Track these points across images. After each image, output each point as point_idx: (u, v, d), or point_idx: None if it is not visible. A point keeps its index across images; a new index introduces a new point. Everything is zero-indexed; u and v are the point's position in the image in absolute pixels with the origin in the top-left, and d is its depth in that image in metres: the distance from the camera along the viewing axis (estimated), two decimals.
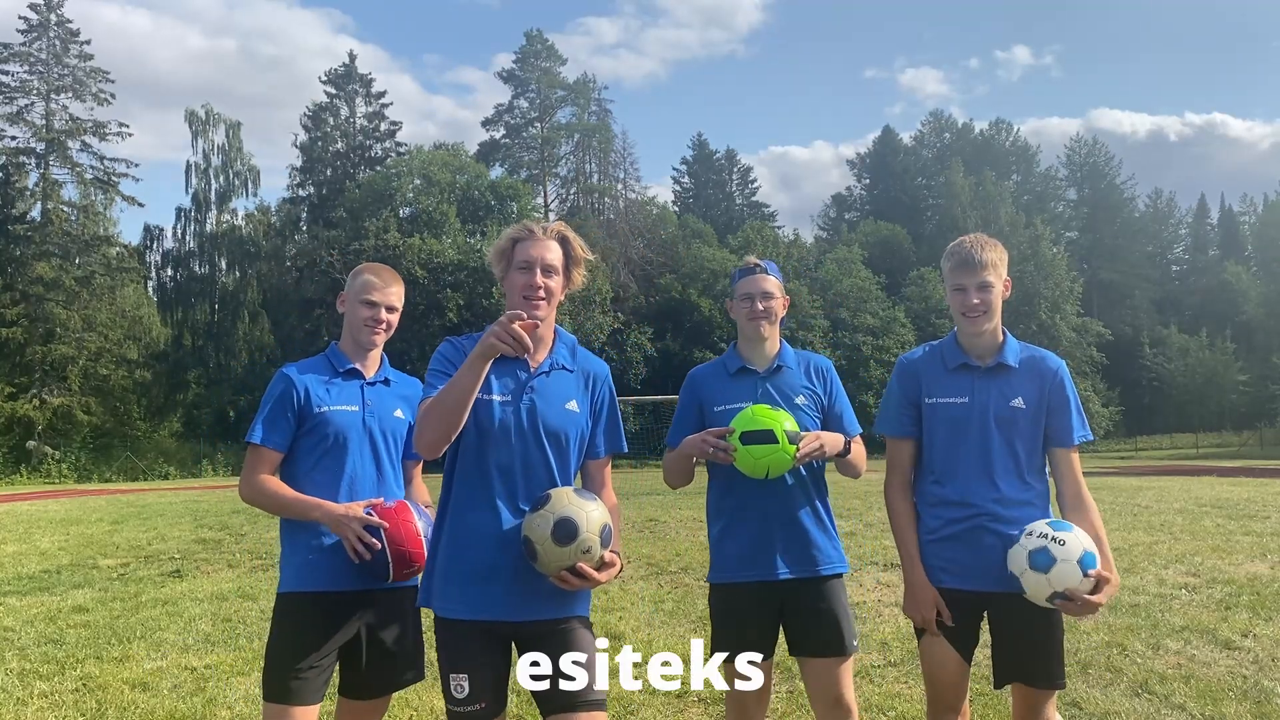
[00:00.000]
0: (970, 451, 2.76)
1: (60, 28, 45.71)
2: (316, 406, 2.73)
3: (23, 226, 43.71)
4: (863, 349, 51.54)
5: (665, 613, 6.52)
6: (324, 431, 2.73)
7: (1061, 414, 2.79)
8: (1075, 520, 2.70)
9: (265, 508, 2.73)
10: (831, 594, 2.90)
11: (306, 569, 2.69)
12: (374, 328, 2.85)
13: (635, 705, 4.35)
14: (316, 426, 2.73)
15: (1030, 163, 74.81)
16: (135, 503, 19.92)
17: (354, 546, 2.59)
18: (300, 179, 55.09)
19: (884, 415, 2.95)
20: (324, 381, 2.78)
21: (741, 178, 75.12)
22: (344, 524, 2.60)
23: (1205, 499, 14.30)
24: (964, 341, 2.87)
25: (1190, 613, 6.06)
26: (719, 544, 2.99)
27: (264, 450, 2.72)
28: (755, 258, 3.08)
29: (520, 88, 62.86)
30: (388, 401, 2.86)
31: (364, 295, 2.84)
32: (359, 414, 2.78)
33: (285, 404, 2.72)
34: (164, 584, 8.24)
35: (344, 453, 2.74)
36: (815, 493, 2.96)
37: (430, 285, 46.73)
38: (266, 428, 2.72)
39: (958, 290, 2.78)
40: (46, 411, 40.66)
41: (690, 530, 11.53)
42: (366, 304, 2.84)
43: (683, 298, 51.83)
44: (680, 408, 3.07)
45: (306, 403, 2.73)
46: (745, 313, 3.00)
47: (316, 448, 2.73)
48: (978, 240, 2.81)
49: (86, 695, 4.81)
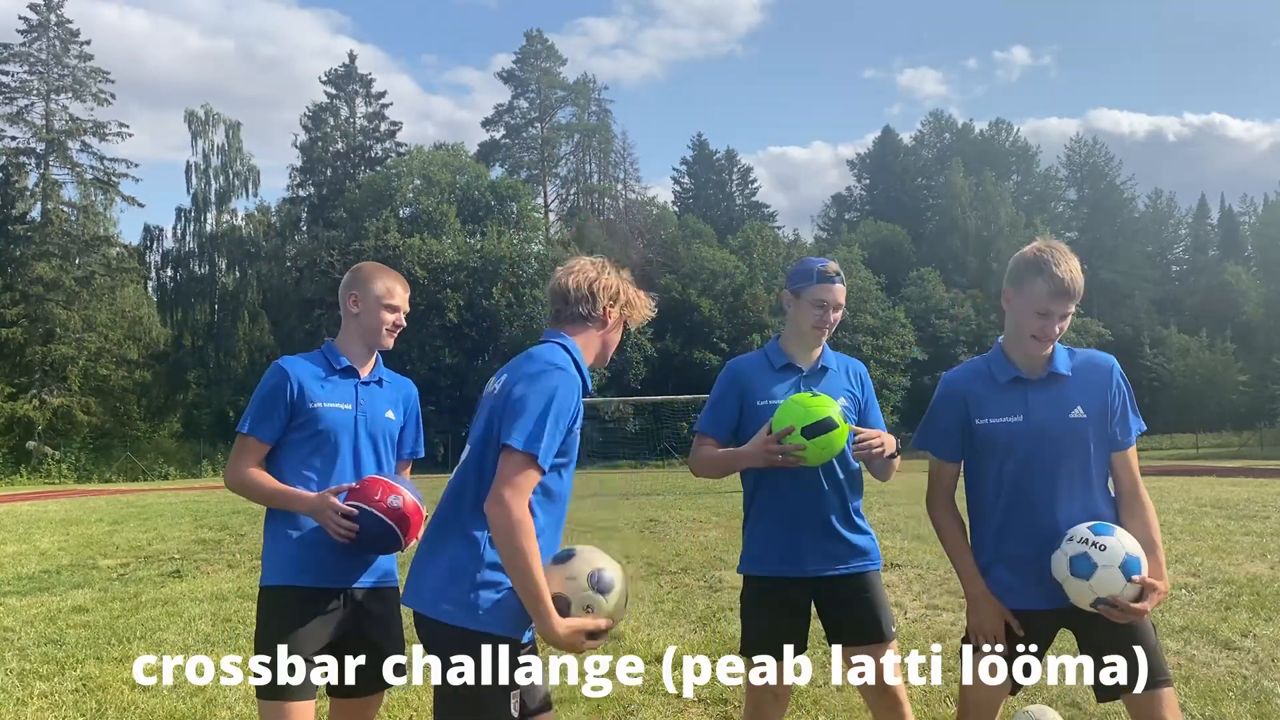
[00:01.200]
0: (1035, 471, 2.64)
1: (60, 28, 45.73)
2: (310, 402, 2.73)
3: (23, 226, 43.73)
4: (863, 349, 51.49)
5: (665, 613, 6.52)
6: (315, 427, 2.73)
7: (1122, 416, 2.69)
8: (1129, 522, 2.59)
9: (250, 497, 2.74)
10: (869, 586, 2.93)
11: (294, 562, 2.69)
12: (392, 333, 2.88)
13: (635, 705, 4.35)
14: (308, 422, 2.73)
15: (1030, 163, 74.78)
16: (135, 503, 19.92)
17: (336, 529, 2.58)
18: (300, 179, 55.13)
19: (929, 434, 2.83)
20: (319, 377, 2.78)
21: (742, 178, 75.13)
22: (320, 509, 2.61)
23: (1205, 499, 14.30)
24: (1015, 357, 2.73)
25: (1190, 613, 6.05)
26: (752, 537, 2.99)
27: (252, 441, 2.73)
28: (835, 265, 3.00)
29: (520, 88, 62.89)
30: (380, 402, 2.87)
31: (388, 300, 2.85)
32: (352, 412, 2.79)
33: (278, 396, 2.73)
34: (164, 584, 8.24)
35: (334, 450, 2.75)
36: (850, 490, 2.96)
37: (430, 285, 46.70)
38: (257, 418, 2.73)
39: (1043, 315, 2.63)
40: (46, 412, 40.67)
41: (690, 530, 11.53)
42: (389, 308, 2.85)
43: (683, 298, 51.81)
44: (717, 396, 3.03)
45: (300, 397, 2.73)
46: (813, 319, 2.94)
47: (307, 443, 2.74)
48: (1069, 262, 2.63)
49: (86, 695, 4.81)
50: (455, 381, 45.71)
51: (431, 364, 45.85)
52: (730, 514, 13.64)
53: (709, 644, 5.46)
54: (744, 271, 52.98)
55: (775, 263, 54.66)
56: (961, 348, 55.31)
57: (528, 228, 53.62)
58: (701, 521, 12.62)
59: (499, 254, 47.54)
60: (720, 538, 10.65)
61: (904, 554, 8.79)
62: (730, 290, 52.22)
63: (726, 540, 10.29)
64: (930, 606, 6.29)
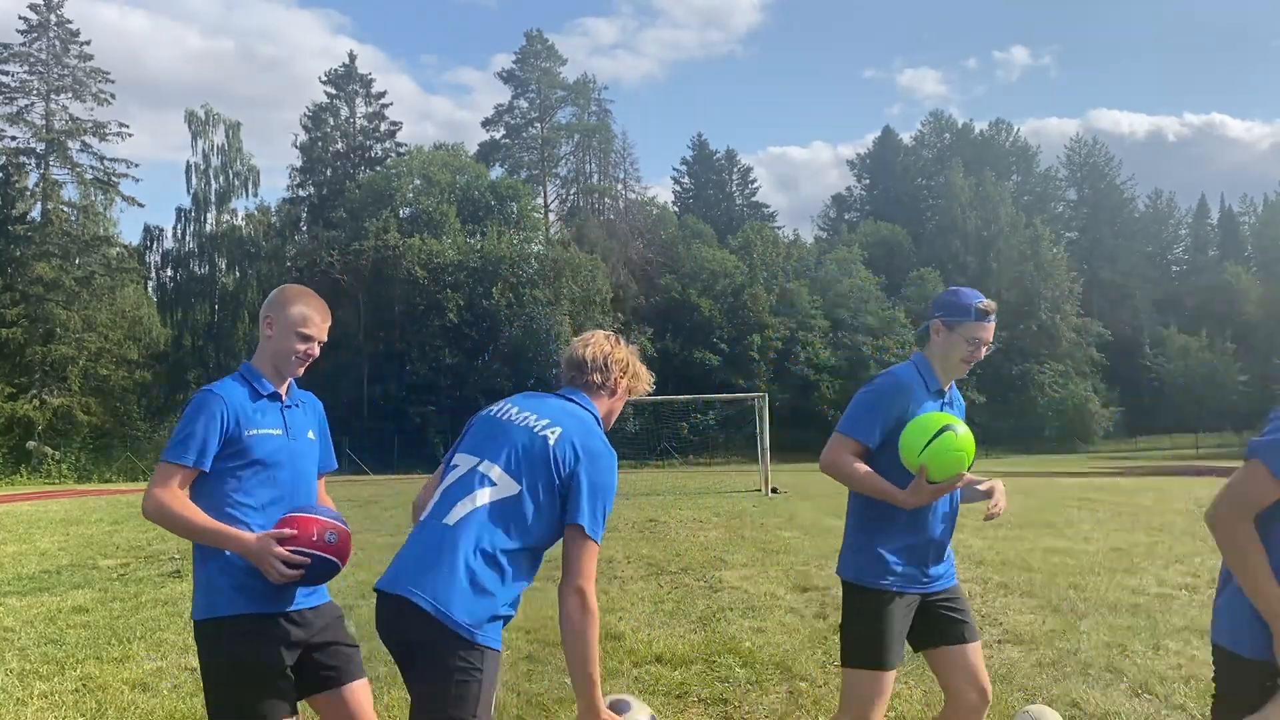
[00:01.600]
0: None
1: (60, 28, 45.73)
2: (246, 430, 2.64)
3: (23, 227, 43.74)
4: (863, 349, 51.51)
5: (665, 613, 6.52)
6: (252, 455, 2.64)
7: None
8: None
9: (174, 530, 2.59)
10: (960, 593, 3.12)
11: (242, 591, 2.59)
12: (303, 362, 2.77)
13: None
14: (245, 450, 2.64)
15: (1030, 163, 74.77)
16: (135, 503, 19.91)
17: (278, 575, 2.52)
18: (300, 179, 55.13)
19: None
20: (249, 404, 2.69)
21: (742, 178, 75.09)
22: (262, 555, 2.52)
23: (1205, 499, 14.28)
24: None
25: (1190, 613, 6.06)
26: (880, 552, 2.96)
27: (182, 469, 2.59)
28: (992, 303, 3.06)
29: (520, 88, 62.86)
30: (301, 424, 2.81)
31: (301, 328, 2.74)
32: (283, 437, 2.72)
33: (214, 424, 2.61)
34: (164, 584, 8.24)
35: (271, 478, 2.67)
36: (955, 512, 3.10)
37: (430, 285, 46.71)
38: (192, 445, 2.59)
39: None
40: (46, 412, 40.68)
41: (690, 530, 11.53)
42: (301, 337, 2.74)
43: (683, 298, 51.82)
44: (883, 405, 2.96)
45: (236, 426, 2.64)
46: (964, 353, 3.01)
47: (243, 471, 2.64)
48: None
49: (86, 695, 4.80)
50: (455, 381, 45.70)
51: (431, 364, 45.84)
52: (730, 514, 13.64)
53: (709, 644, 5.46)
54: (744, 271, 52.98)
55: (775, 263, 54.68)
56: None
57: (528, 228, 53.62)
58: (701, 521, 12.62)
59: (499, 254, 47.53)
60: (720, 538, 10.65)
61: None
62: (730, 290, 52.21)
63: (726, 540, 10.29)
64: None
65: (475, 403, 46.89)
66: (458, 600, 2.27)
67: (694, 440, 45.11)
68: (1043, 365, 55.36)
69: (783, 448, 28.46)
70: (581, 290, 47.16)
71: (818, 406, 50.02)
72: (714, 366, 48.45)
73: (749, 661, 5.06)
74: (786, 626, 5.91)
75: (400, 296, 46.53)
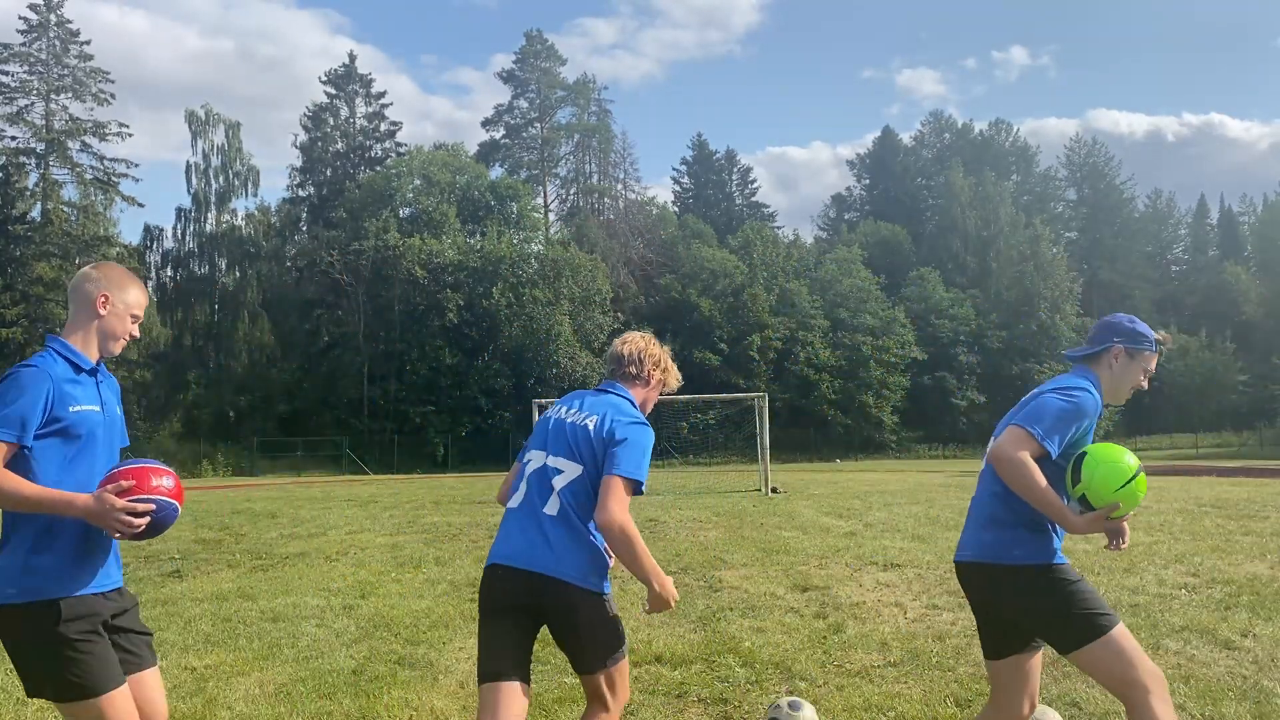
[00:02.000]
0: None
1: (60, 28, 45.77)
2: (70, 406, 2.63)
3: (23, 226, 43.77)
4: (863, 349, 51.53)
5: (665, 612, 6.51)
6: (76, 431, 2.64)
7: None
8: None
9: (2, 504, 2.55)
10: None
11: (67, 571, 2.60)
12: (128, 343, 2.85)
13: (635, 705, 4.35)
14: (70, 427, 2.63)
15: (1030, 163, 74.81)
16: None
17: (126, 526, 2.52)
18: (300, 179, 55.17)
19: None
20: (70, 379, 2.68)
21: (741, 178, 75.09)
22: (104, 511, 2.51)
23: (1205, 499, 14.30)
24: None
25: (1190, 613, 6.06)
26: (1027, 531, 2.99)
27: (4, 445, 2.54)
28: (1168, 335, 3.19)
29: (520, 88, 62.90)
30: (110, 397, 2.83)
31: (135, 311, 2.82)
32: (100, 414, 2.73)
33: (39, 399, 2.58)
34: (164, 584, 8.24)
35: (92, 452, 2.69)
36: None
37: (430, 285, 46.71)
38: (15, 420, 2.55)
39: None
40: None
41: (690, 530, 11.53)
42: (134, 319, 2.82)
43: (683, 298, 51.83)
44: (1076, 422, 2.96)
45: (60, 402, 2.62)
46: (1137, 381, 3.15)
47: (67, 447, 2.64)
48: None
49: None
50: (455, 381, 45.70)
51: (431, 364, 45.83)
52: (730, 514, 13.64)
53: (709, 644, 5.46)
54: (744, 271, 52.98)
55: (775, 263, 54.67)
56: (961, 348, 55.38)
57: (527, 228, 53.64)
58: (701, 521, 12.62)
59: (499, 254, 47.53)
60: (720, 538, 10.64)
61: (904, 554, 8.80)
62: (730, 290, 52.21)
63: (726, 540, 10.28)
64: (931, 606, 6.29)
65: (475, 402, 46.96)
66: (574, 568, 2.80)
67: (694, 440, 45.06)
68: (1043, 365, 55.34)
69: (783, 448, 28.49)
70: (581, 290, 47.15)
71: (818, 406, 50.06)
72: (714, 366, 48.44)
73: (749, 661, 5.05)
74: (786, 626, 5.91)
75: (400, 296, 46.51)
